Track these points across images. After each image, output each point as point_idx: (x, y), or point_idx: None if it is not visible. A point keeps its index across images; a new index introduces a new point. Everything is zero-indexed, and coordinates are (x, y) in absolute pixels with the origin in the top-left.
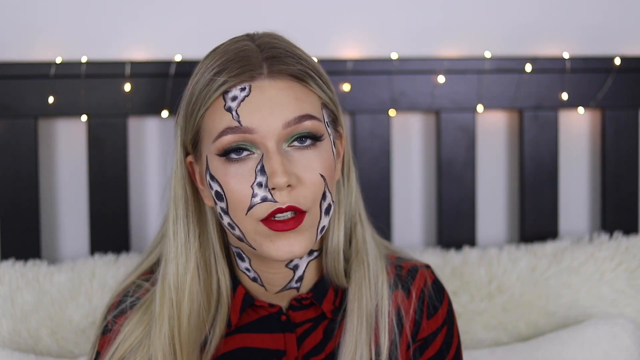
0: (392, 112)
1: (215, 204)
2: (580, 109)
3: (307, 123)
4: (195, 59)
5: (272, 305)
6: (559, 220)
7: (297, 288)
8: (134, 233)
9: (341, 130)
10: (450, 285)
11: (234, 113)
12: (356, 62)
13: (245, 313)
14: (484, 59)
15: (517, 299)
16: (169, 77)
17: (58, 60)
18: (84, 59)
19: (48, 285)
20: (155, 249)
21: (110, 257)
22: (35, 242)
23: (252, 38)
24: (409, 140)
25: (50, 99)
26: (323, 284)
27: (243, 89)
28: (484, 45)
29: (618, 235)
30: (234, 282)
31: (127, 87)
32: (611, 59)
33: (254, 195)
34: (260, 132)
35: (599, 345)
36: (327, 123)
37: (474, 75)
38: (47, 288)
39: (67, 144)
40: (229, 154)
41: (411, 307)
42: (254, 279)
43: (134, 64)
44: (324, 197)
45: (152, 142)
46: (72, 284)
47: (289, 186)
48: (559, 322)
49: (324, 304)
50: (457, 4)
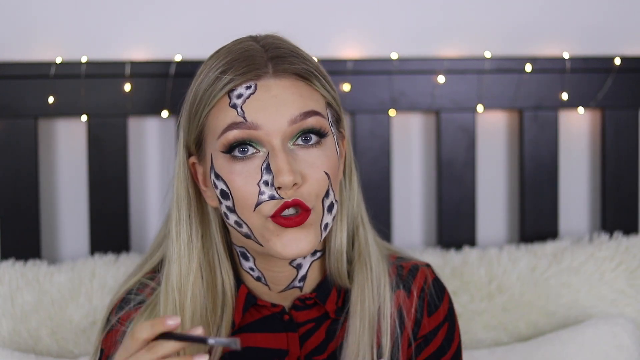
0: (392, 112)
1: (220, 203)
2: (580, 109)
3: (312, 119)
4: (195, 59)
5: (274, 305)
6: (559, 220)
7: (300, 288)
8: (134, 233)
9: (343, 131)
10: (450, 285)
11: (239, 109)
12: (356, 62)
13: (248, 312)
14: (484, 59)
15: (517, 299)
16: (169, 77)
17: (58, 60)
18: (84, 59)
19: (48, 285)
20: (157, 250)
21: (110, 257)
22: (35, 242)
23: (255, 39)
24: (409, 140)
25: (50, 99)
26: (326, 285)
27: (248, 87)
28: (484, 45)
29: (618, 235)
30: (237, 282)
31: (127, 87)
32: (611, 59)
33: (260, 193)
34: (265, 128)
35: (599, 345)
36: (330, 122)
37: (474, 75)
38: (47, 288)
39: (67, 144)
40: (234, 150)
41: (412, 306)
42: (258, 278)
43: (134, 64)
44: (327, 194)
45: (152, 142)
46: (72, 284)
47: (294, 185)
48: (559, 322)
49: (327, 304)
50: (457, 4)
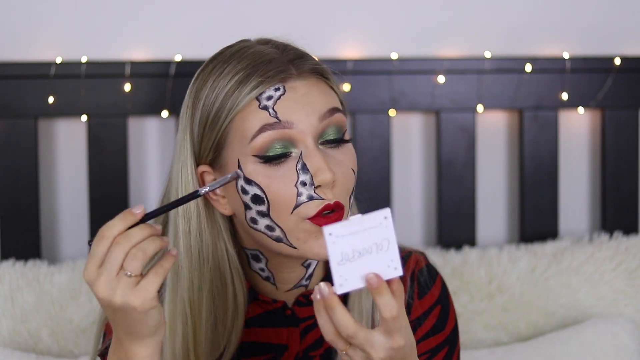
0: (392, 112)
1: (248, 209)
2: (580, 109)
3: (337, 115)
4: (195, 59)
5: (275, 301)
6: (559, 220)
7: (306, 286)
8: None
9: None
10: (450, 286)
11: (270, 110)
12: (356, 62)
13: (249, 307)
14: (484, 59)
15: (517, 299)
16: (169, 77)
17: (58, 60)
18: (84, 59)
19: (48, 285)
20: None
21: None
22: (35, 242)
23: (262, 43)
24: (409, 140)
25: (50, 99)
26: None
27: (277, 89)
28: (484, 45)
29: (618, 235)
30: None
31: (127, 87)
32: (611, 59)
33: (299, 194)
34: (299, 127)
35: (599, 345)
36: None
37: (474, 75)
38: (47, 288)
39: (67, 144)
40: (267, 153)
41: (404, 291)
42: (267, 278)
43: (134, 64)
44: (353, 191)
45: (152, 142)
46: (72, 284)
47: (332, 182)
48: (559, 322)
49: None
50: (457, 4)
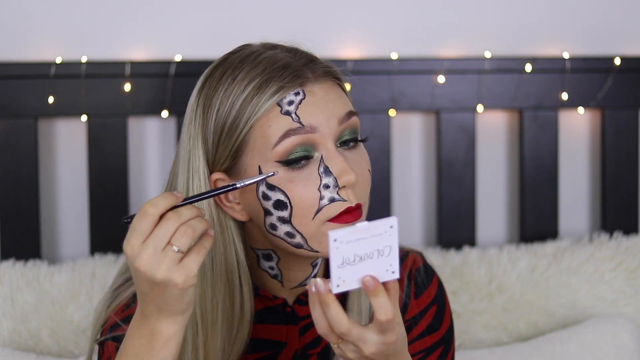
0: (392, 112)
1: (269, 214)
2: (580, 109)
3: (354, 119)
4: (195, 59)
5: (275, 297)
6: (559, 220)
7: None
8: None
9: None
10: (450, 285)
11: (293, 115)
12: (356, 62)
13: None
14: (484, 59)
15: (517, 299)
16: (169, 77)
17: (58, 60)
18: (84, 59)
19: (48, 285)
20: None
21: (110, 258)
22: (35, 242)
23: (272, 47)
24: (409, 140)
25: (50, 99)
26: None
27: (297, 94)
28: (484, 45)
29: (618, 235)
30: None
31: (127, 87)
32: (611, 59)
33: (321, 198)
34: (321, 131)
35: (599, 345)
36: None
37: (474, 75)
38: (47, 288)
39: (67, 144)
40: (291, 163)
41: (400, 290)
42: (275, 276)
43: (134, 64)
44: (369, 192)
45: (152, 142)
46: (72, 284)
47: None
48: (559, 322)
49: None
50: (457, 4)
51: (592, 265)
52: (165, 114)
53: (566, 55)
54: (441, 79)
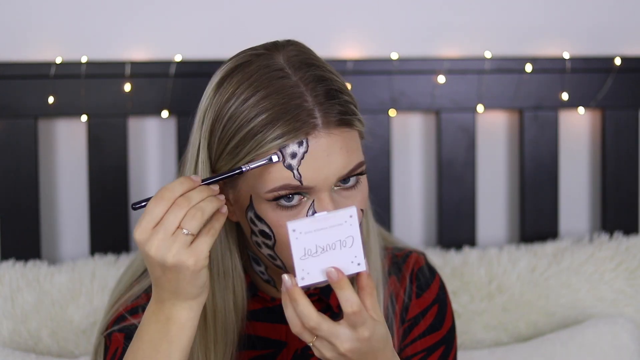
0: (392, 112)
1: (255, 235)
2: (581, 109)
3: (357, 171)
4: (195, 59)
5: (274, 299)
6: (559, 220)
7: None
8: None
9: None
10: (450, 286)
11: (295, 172)
12: (356, 62)
13: (249, 301)
14: (484, 59)
15: (517, 299)
16: (169, 77)
17: (58, 60)
18: (84, 59)
19: (48, 285)
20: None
21: (110, 258)
22: (35, 242)
23: (298, 66)
24: (409, 140)
25: (50, 99)
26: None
27: (300, 143)
28: (484, 45)
29: (618, 235)
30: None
31: (127, 87)
32: (611, 59)
33: None
34: (317, 186)
35: (599, 345)
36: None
37: (474, 75)
38: (47, 288)
39: (67, 144)
40: (280, 199)
41: (401, 289)
42: (267, 281)
43: (134, 64)
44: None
45: (152, 142)
46: (72, 284)
47: None
48: (559, 322)
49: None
50: (457, 4)
51: (592, 265)
52: (165, 114)
53: (566, 55)
54: (441, 79)
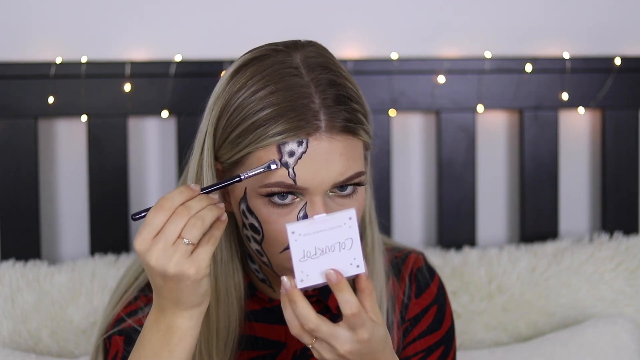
0: (392, 112)
1: (246, 228)
2: (581, 109)
3: (354, 180)
4: (195, 59)
5: (272, 300)
6: (559, 220)
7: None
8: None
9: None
10: (450, 286)
11: (290, 170)
12: (356, 62)
13: (249, 301)
14: (484, 59)
15: (517, 299)
16: (169, 77)
17: (58, 60)
18: (84, 59)
19: (48, 285)
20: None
21: (110, 258)
22: (35, 242)
23: (312, 67)
24: (409, 140)
25: (50, 99)
26: None
27: (300, 143)
28: (484, 45)
29: (618, 235)
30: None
31: (127, 87)
32: (611, 59)
33: None
34: (311, 189)
35: (599, 345)
36: (364, 162)
37: (474, 75)
38: (47, 288)
39: (67, 144)
40: (273, 196)
41: (400, 290)
42: (263, 280)
43: (134, 64)
44: (363, 241)
45: (152, 142)
46: (72, 284)
47: None
48: (559, 322)
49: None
50: (457, 4)
51: (592, 265)
52: (165, 114)
53: (566, 55)
54: (441, 79)
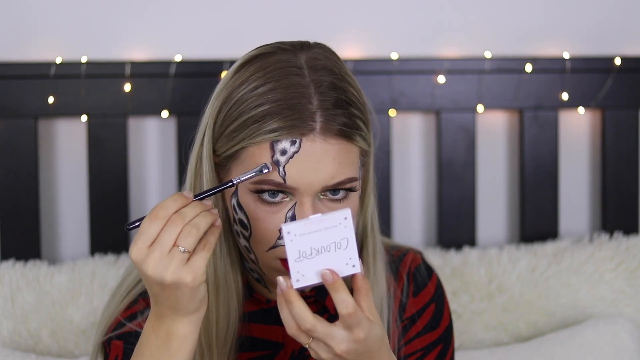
0: (392, 112)
1: (235, 224)
2: (581, 109)
3: (346, 185)
4: (195, 59)
5: (269, 301)
6: (559, 220)
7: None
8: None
9: (370, 155)
10: (450, 286)
11: (281, 169)
12: (356, 62)
13: (245, 303)
14: (484, 59)
15: (517, 299)
16: (169, 77)
17: (58, 60)
18: (84, 59)
19: (48, 285)
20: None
21: (110, 258)
22: (35, 242)
23: (315, 69)
24: (409, 140)
25: (50, 99)
26: None
27: (293, 142)
28: (484, 45)
29: (618, 235)
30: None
31: (127, 87)
32: (611, 59)
33: (279, 237)
34: (301, 189)
35: (599, 345)
36: (359, 169)
37: (474, 75)
38: (47, 288)
39: (67, 144)
40: (264, 193)
41: (398, 288)
42: (258, 280)
43: (134, 64)
44: (364, 248)
45: (152, 142)
46: (72, 284)
47: None
48: (559, 322)
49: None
50: (457, 4)
51: (592, 265)
52: (165, 114)
53: (566, 55)
54: (441, 79)
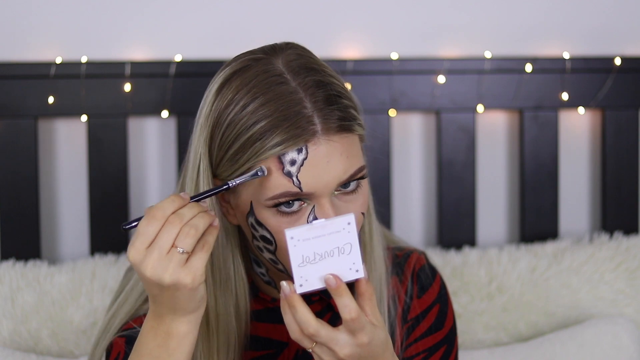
0: (392, 112)
1: (256, 240)
2: (581, 109)
3: (358, 175)
4: (195, 59)
5: (274, 300)
6: (559, 220)
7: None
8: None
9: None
10: (450, 286)
11: (294, 179)
12: (356, 62)
13: (251, 302)
14: (484, 59)
15: (517, 299)
16: (169, 77)
17: (58, 60)
18: (84, 59)
19: (48, 285)
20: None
21: (110, 258)
22: (35, 242)
23: (296, 71)
24: (409, 140)
25: (50, 99)
26: None
27: (300, 150)
28: (484, 45)
29: (618, 235)
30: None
31: (127, 87)
32: (611, 59)
33: None
34: (317, 192)
35: (599, 345)
36: (364, 154)
37: (474, 75)
38: (47, 289)
39: (67, 144)
40: (280, 205)
41: (402, 289)
42: (268, 282)
43: (134, 64)
44: (361, 229)
45: (152, 142)
46: (72, 284)
47: None
48: (559, 322)
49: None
50: (457, 4)
51: (592, 265)
52: (165, 114)
53: (566, 55)
54: (441, 79)
